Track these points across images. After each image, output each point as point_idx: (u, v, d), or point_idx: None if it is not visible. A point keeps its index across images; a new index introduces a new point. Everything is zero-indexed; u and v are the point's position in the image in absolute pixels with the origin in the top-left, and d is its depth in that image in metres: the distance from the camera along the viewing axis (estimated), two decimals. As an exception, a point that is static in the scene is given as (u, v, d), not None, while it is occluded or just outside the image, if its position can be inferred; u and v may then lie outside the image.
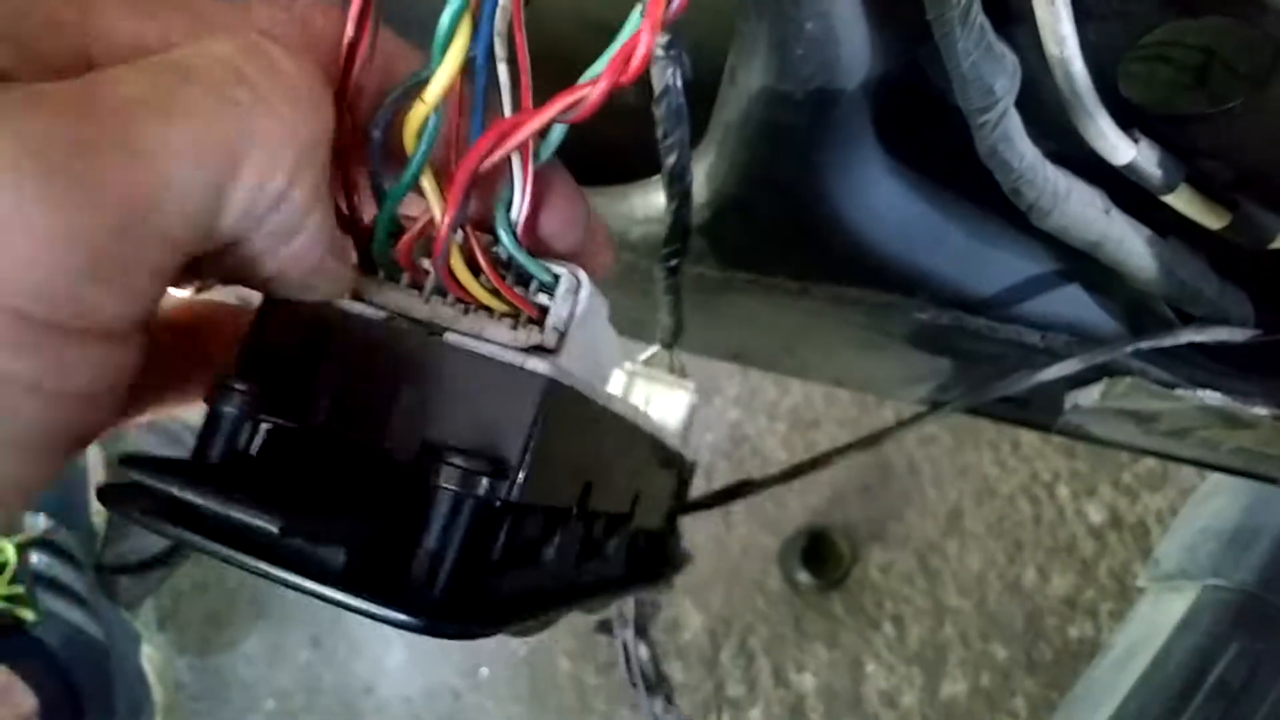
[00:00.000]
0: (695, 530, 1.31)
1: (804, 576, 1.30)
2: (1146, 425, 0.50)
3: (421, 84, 0.22)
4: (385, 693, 1.26)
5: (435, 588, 0.21)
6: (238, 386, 0.22)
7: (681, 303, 0.45)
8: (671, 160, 0.32)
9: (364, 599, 0.20)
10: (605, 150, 0.44)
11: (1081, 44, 0.31)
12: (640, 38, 0.20)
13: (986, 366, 0.48)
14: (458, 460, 0.21)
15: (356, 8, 0.22)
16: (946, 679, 1.28)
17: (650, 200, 0.41)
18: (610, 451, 0.29)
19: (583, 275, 0.24)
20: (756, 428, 1.36)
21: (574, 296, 0.24)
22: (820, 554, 1.31)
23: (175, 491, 0.20)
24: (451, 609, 0.21)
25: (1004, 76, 0.32)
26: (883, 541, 1.33)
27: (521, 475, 0.21)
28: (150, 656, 1.11)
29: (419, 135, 0.22)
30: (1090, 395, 0.46)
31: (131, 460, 0.21)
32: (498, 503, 0.21)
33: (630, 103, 0.30)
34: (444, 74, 0.21)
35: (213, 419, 0.22)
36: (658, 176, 0.41)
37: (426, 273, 0.24)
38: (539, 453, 0.22)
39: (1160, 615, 0.90)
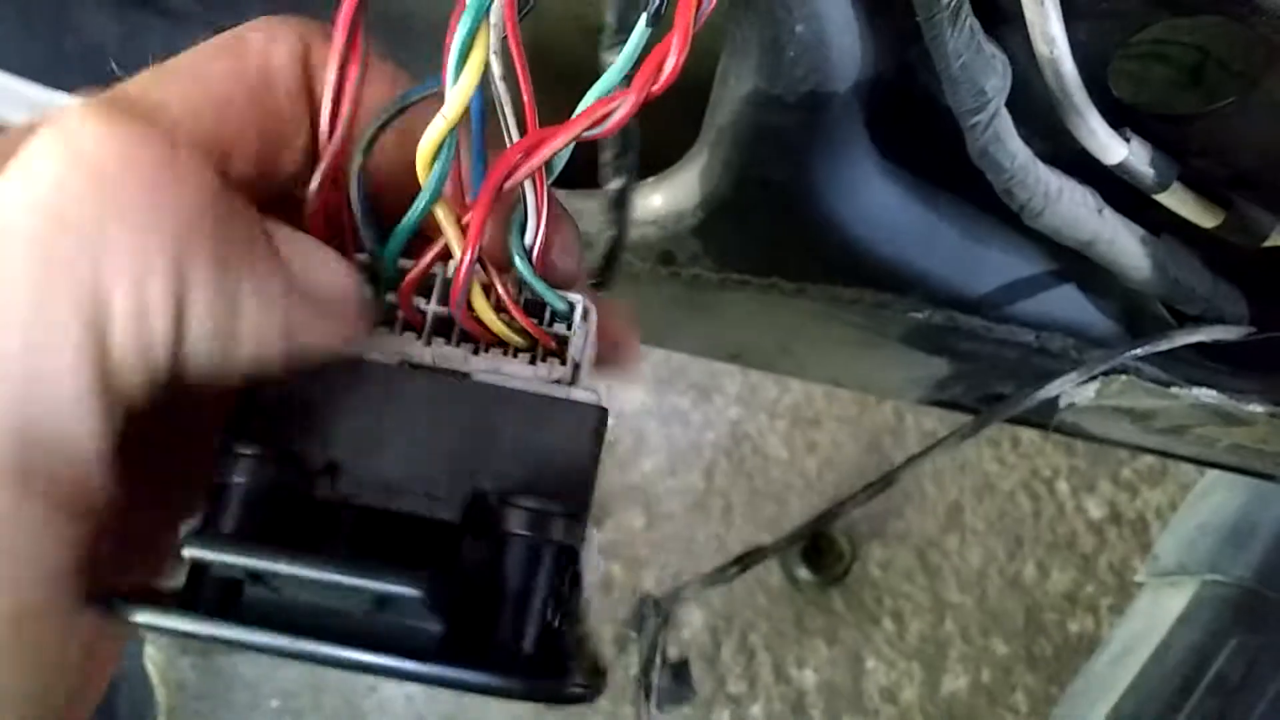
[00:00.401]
0: (696, 530, 1.31)
1: (804, 573, 1.30)
2: (1142, 423, 0.50)
3: (419, 101, 0.20)
4: (388, 691, 1.27)
5: (524, 646, 0.19)
6: (245, 451, 0.19)
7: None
8: (619, 184, 0.30)
9: (469, 671, 0.17)
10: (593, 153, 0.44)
11: (1071, 44, 0.31)
12: (672, 45, 0.19)
13: (984, 366, 0.49)
14: (528, 502, 0.19)
15: (348, 16, 0.20)
16: (947, 674, 1.28)
17: (645, 203, 0.41)
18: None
19: (589, 303, 0.23)
20: (757, 426, 1.36)
21: (586, 325, 0.23)
22: (820, 551, 1.31)
23: (251, 561, 0.17)
24: (546, 666, 0.19)
25: (994, 77, 0.32)
26: (883, 538, 1.33)
27: (587, 513, 0.20)
28: (153, 658, 1.11)
29: (435, 156, 0.20)
30: (1085, 394, 0.46)
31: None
32: (575, 545, 0.19)
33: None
34: (465, 85, 0.19)
35: (221, 491, 0.19)
36: (652, 179, 0.41)
37: (421, 313, 0.22)
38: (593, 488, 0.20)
39: (1159, 610, 0.91)
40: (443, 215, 0.21)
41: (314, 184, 0.21)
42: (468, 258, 0.20)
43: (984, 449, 1.35)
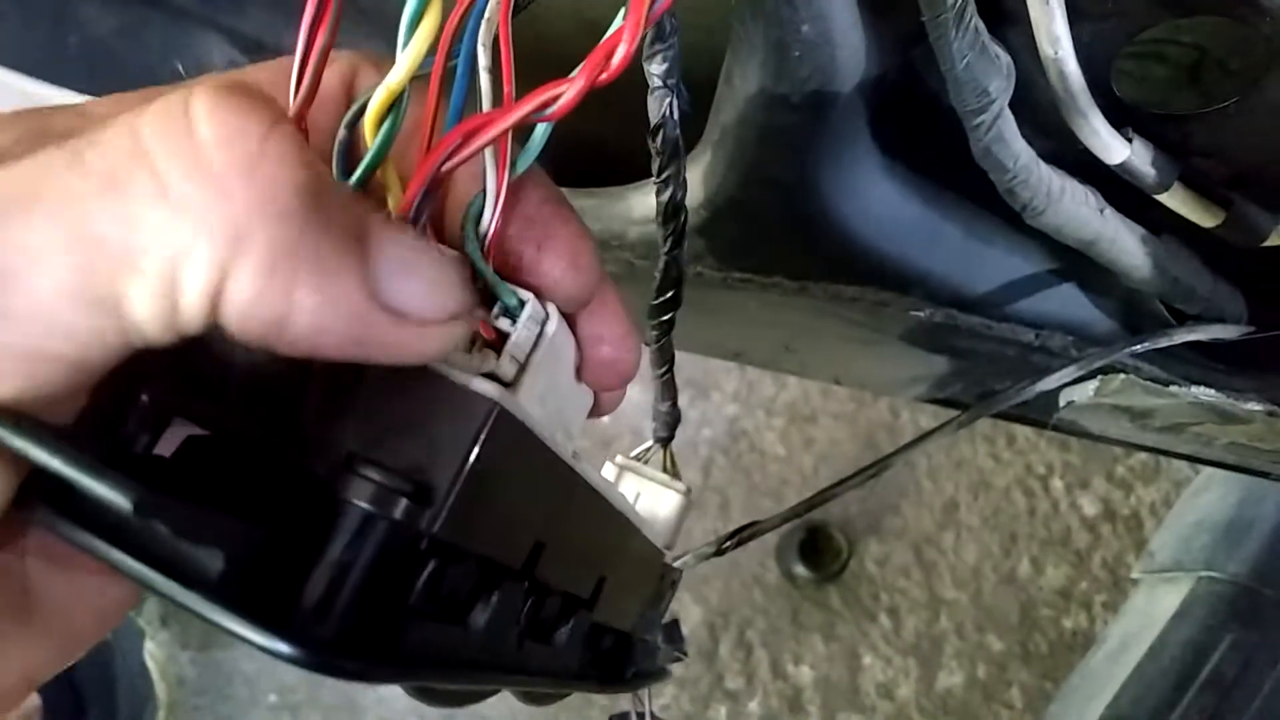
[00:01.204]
0: (693, 525, 1.31)
1: (801, 570, 1.31)
2: (1140, 421, 0.51)
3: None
4: (387, 689, 1.27)
5: (330, 616, 0.17)
6: (150, 379, 0.19)
7: (674, 381, 0.38)
8: (665, 196, 0.29)
9: (237, 616, 0.16)
10: (603, 150, 0.44)
11: (1075, 44, 0.31)
12: (622, 35, 0.19)
13: (983, 364, 0.49)
14: (375, 475, 0.18)
15: (312, 8, 0.20)
16: (943, 670, 1.29)
17: (649, 201, 0.41)
18: (570, 518, 0.25)
19: (552, 309, 0.22)
20: (754, 423, 1.37)
21: (538, 327, 0.22)
22: (817, 547, 1.31)
23: (13, 440, 0.16)
24: (346, 643, 0.18)
25: (998, 77, 0.32)
26: (879, 534, 1.33)
27: (448, 506, 0.18)
28: (153, 653, 1.11)
29: (379, 123, 0.20)
30: (1084, 392, 0.46)
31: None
32: (419, 533, 0.18)
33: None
34: (410, 54, 0.19)
35: (115, 409, 0.19)
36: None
37: None
38: (473, 486, 0.19)
39: (1154, 607, 0.91)
40: (389, 180, 0.21)
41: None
42: (397, 215, 0.20)
43: (979, 445, 1.36)
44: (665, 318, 0.33)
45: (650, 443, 0.45)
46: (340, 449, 0.19)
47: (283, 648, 0.16)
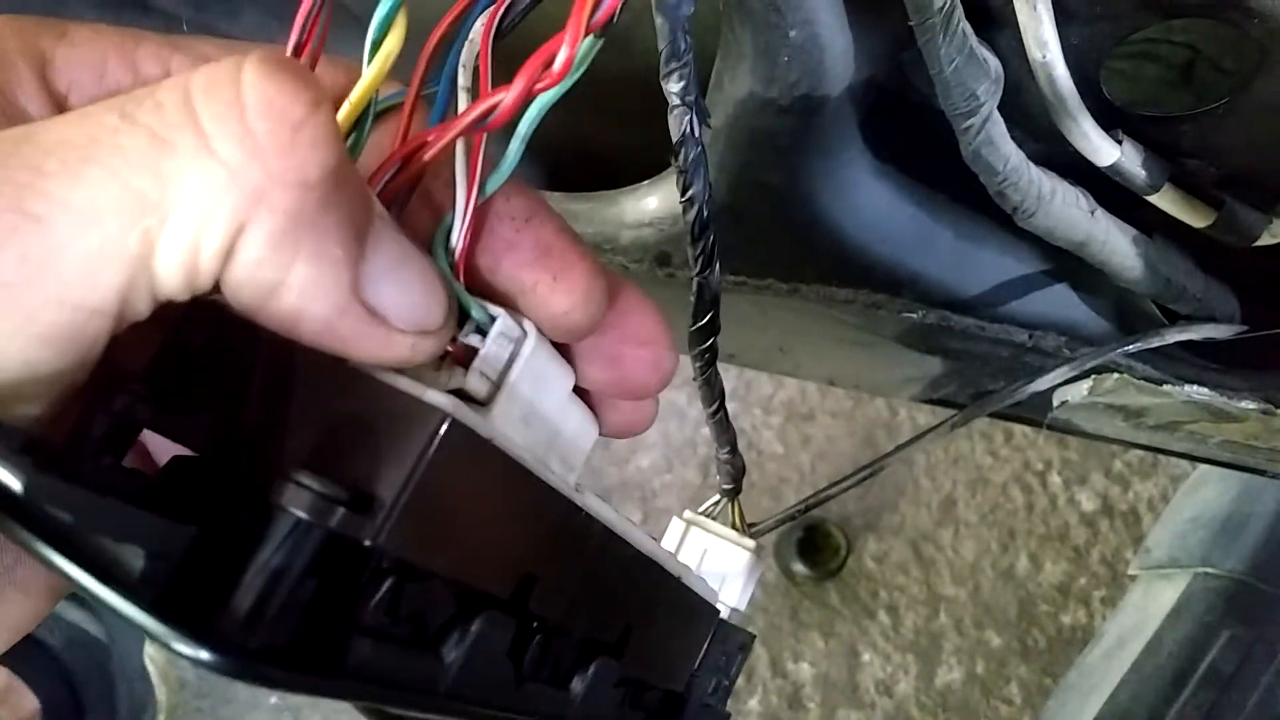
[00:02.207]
0: (691, 523, 1.31)
1: (800, 567, 1.31)
2: (1135, 420, 0.51)
3: (391, 104, 0.20)
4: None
5: (260, 624, 0.17)
6: (122, 392, 0.19)
7: (729, 422, 0.37)
8: (692, 215, 0.28)
9: (154, 617, 0.16)
10: (594, 154, 0.44)
11: (1063, 47, 0.31)
12: (563, 38, 0.19)
13: (977, 365, 0.49)
14: (312, 483, 0.17)
15: (303, 13, 0.20)
16: (942, 667, 1.29)
17: (641, 205, 0.41)
18: (572, 553, 0.24)
19: (530, 327, 0.22)
20: (752, 421, 1.37)
21: (510, 344, 0.21)
22: (815, 545, 1.31)
23: None
24: (276, 653, 0.17)
25: (987, 81, 0.32)
26: (877, 531, 1.34)
27: (393, 517, 0.18)
28: (153, 656, 1.11)
29: (345, 138, 0.20)
30: (1078, 391, 0.46)
31: None
32: (367, 548, 0.18)
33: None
34: (371, 72, 0.20)
35: (89, 417, 0.18)
36: (648, 181, 0.41)
37: None
38: (424, 500, 0.18)
39: (1152, 603, 0.91)
40: None
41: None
42: None
43: (976, 442, 1.36)
44: (706, 344, 0.31)
45: (716, 496, 0.43)
46: (285, 459, 0.19)
47: (201, 654, 0.16)
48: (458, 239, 0.21)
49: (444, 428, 0.18)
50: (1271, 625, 0.85)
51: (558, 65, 0.20)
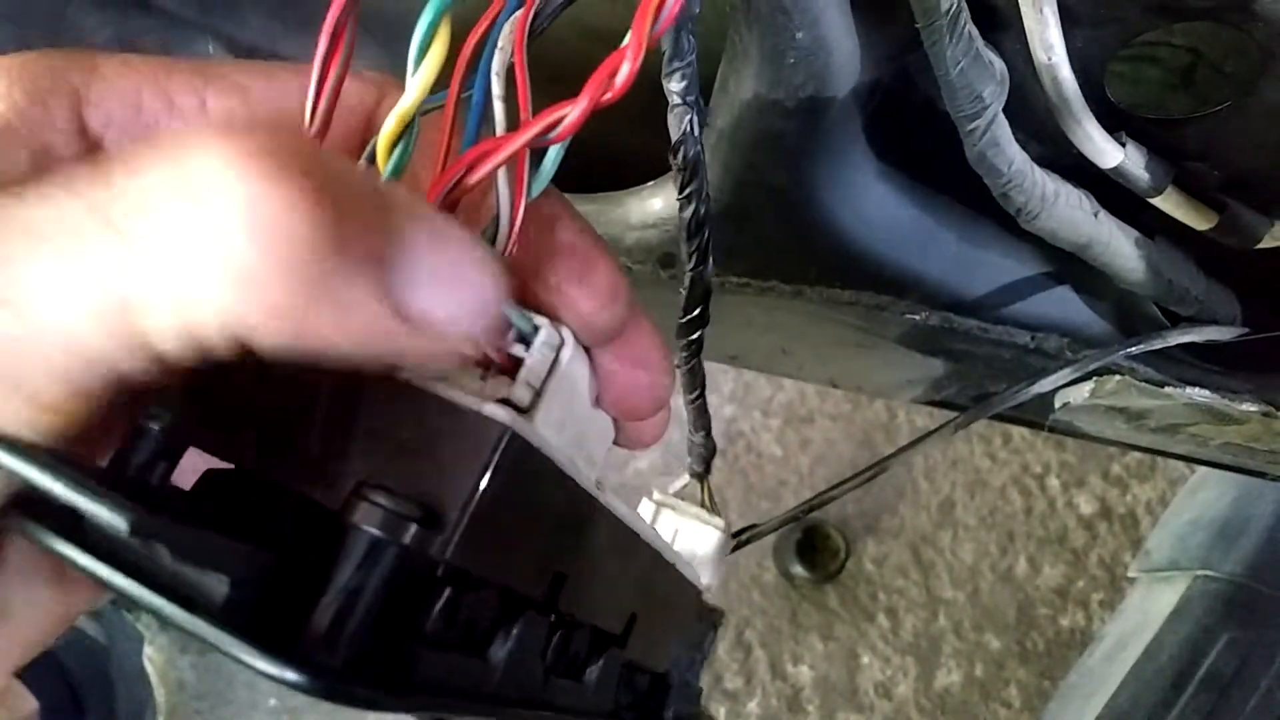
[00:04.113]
0: (691, 525, 1.31)
1: (799, 570, 1.31)
2: (1136, 422, 0.51)
3: (429, 111, 0.20)
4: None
5: (339, 643, 0.17)
6: (165, 410, 0.19)
7: (707, 408, 0.38)
8: (689, 212, 0.28)
9: (243, 642, 0.16)
10: (599, 155, 0.44)
11: (1068, 50, 0.32)
12: (625, 53, 0.19)
13: (979, 366, 0.49)
14: (384, 500, 0.18)
15: (332, 20, 0.20)
16: (941, 669, 1.29)
17: (646, 206, 0.41)
18: (594, 549, 0.25)
19: (567, 334, 0.22)
20: (751, 424, 1.37)
21: (553, 353, 0.21)
22: (815, 547, 1.32)
23: (13, 462, 0.16)
24: (356, 670, 0.17)
25: (992, 83, 0.33)
26: (876, 534, 1.34)
27: (460, 531, 0.18)
28: (152, 657, 1.11)
29: (392, 147, 0.20)
30: (1080, 393, 0.46)
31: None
32: (432, 560, 0.18)
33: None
34: (419, 81, 0.19)
35: (133, 439, 0.19)
36: (653, 183, 0.41)
37: None
38: (487, 511, 0.19)
39: (1151, 606, 0.91)
40: None
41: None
42: None
43: (975, 445, 1.36)
44: (694, 336, 0.32)
45: (685, 478, 0.44)
46: (350, 476, 0.19)
47: (290, 675, 0.16)
48: (505, 247, 0.21)
49: (505, 440, 0.19)
50: (1271, 628, 0.85)
51: (620, 79, 0.19)
